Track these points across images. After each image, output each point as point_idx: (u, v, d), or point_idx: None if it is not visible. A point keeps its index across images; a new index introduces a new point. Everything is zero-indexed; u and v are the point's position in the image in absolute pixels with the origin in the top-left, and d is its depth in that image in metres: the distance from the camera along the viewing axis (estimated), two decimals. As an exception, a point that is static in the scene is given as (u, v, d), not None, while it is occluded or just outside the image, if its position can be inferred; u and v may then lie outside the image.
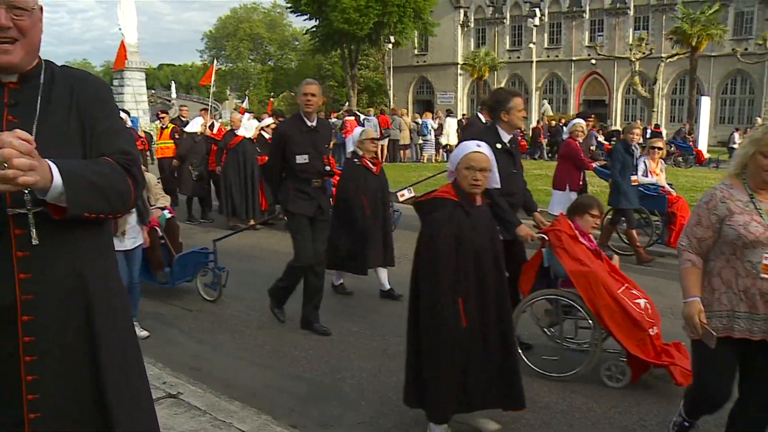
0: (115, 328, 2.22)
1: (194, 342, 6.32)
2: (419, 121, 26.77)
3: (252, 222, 11.79)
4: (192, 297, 7.60)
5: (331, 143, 12.67)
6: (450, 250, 3.94)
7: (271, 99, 47.90)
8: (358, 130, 7.98)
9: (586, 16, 53.06)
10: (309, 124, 6.25)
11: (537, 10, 51.66)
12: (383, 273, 7.69)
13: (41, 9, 2.14)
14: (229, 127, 12.61)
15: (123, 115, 12.85)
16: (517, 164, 5.76)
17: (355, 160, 7.60)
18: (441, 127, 26.81)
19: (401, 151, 25.57)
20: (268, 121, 13.54)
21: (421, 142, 25.97)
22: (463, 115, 38.17)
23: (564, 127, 30.54)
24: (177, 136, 13.52)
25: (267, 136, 12.52)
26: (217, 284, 7.47)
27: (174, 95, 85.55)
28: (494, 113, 5.59)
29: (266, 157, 11.89)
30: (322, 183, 6.49)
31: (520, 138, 11.47)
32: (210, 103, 18.58)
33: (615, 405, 4.90)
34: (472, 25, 57.66)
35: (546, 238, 5.35)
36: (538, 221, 5.78)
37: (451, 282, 3.94)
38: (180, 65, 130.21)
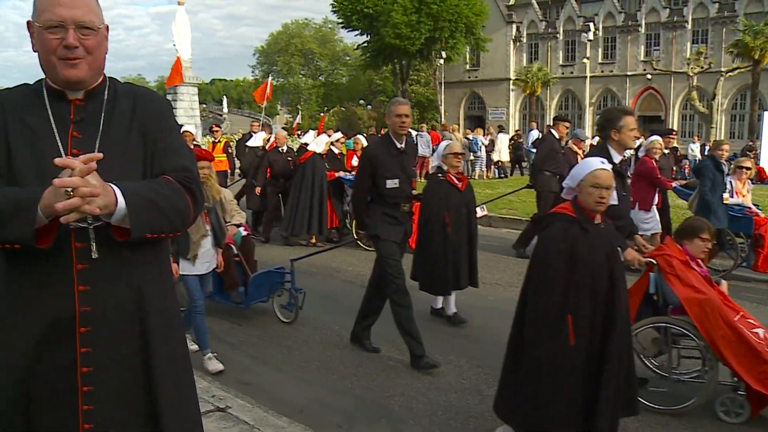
0: (169, 341, 2.27)
1: (243, 356, 6.36)
2: (470, 137, 26.70)
3: (314, 240, 11.72)
4: (241, 312, 7.65)
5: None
6: (562, 265, 3.90)
7: (324, 114, 48.25)
8: (442, 144, 7.72)
9: (642, 30, 52.37)
10: (399, 146, 6.05)
11: (591, 24, 51.23)
12: (452, 296, 7.39)
13: (107, 28, 2.21)
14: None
15: (190, 128, 13.08)
16: (626, 186, 5.57)
17: (440, 175, 7.33)
18: (492, 143, 26.66)
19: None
20: (338, 135, 13.48)
21: (472, 158, 25.85)
22: (516, 131, 37.92)
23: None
24: (230, 150, 13.73)
25: (336, 151, 12.48)
26: (293, 305, 7.25)
27: (225, 110, 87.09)
28: (604, 132, 5.41)
29: (335, 173, 11.90)
30: (410, 207, 6.30)
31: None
32: (261, 118, 18.74)
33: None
34: (524, 40, 57.42)
35: (654, 262, 5.12)
36: (640, 245, 5.47)
37: (561, 297, 3.89)
38: (232, 80, 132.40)
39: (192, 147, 12.65)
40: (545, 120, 51.68)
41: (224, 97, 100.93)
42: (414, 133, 23.94)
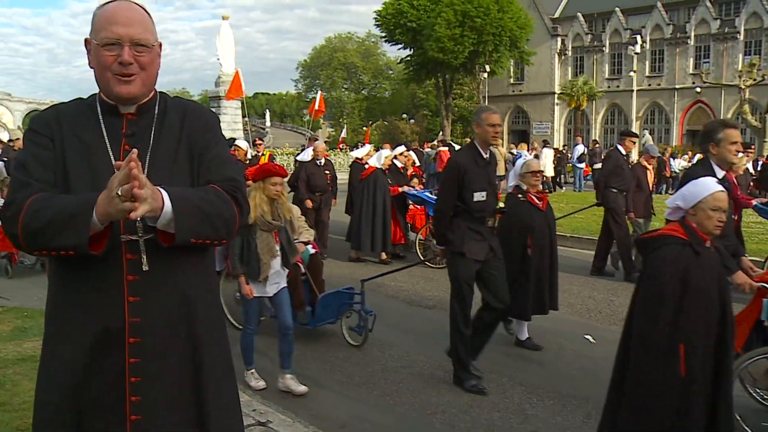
0: (215, 352, 2.32)
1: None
2: (515, 152, 26.56)
3: (384, 256, 11.65)
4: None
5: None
6: (674, 290, 3.69)
7: (367, 128, 48.50)
8: (519, 162, 7.40)
9: (691, 42, 51.65)
10: (485, 157, 5.80)
11: (638, 36, 50.66)
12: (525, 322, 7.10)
13: (160, 45, 2.30)
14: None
15: (243, 143, 13.18)
16: (731, 205, 5.40)
17: (519, 195, 6.99)
18: (537, 158, 26.46)
19: (497, 182, 25.40)
20: (401, 149, 13.39)
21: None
22: (564, 145, 37.61)
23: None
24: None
25: (399, 164, 12.40)
26: (362, 328, 6.98)
27: (268, 123, 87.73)
28: (703, 146, 5.17)
29: (398, 188, 11.81)
30: (494, 222, 6.04)
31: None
32: (307, 133, 18.95)
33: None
34: (569, 53, 57.08)
35: (767, 287, 4.82)
36: (747, 267, 5.11)
37: (671, 324, 3.69)
38: (275, 94, 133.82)
39: (246, 162, 12.72)
40: (590, 134, 51.28)
41: (267, 110, 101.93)
42: (458, 147, 23.93)
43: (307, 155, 13.27)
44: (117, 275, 2.12)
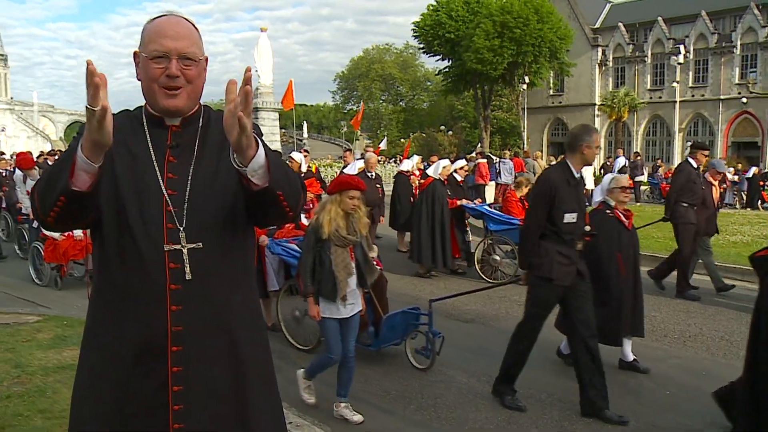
0: (257, 361, 2.35)
1: (320, 384, 6.39)
2: (554, 164, 26.37)
3: (451, 269, 11.56)
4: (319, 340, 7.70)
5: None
6: None
7: (410, 140, 48.52)
8: (607, 177, 7.05)
9: (737, 51, 50.84)
10: (576, 176, 5.51)
11: (681, 46, 50.02)
12: (629, 343, 6.75)
13: (206, 59, 2.35)
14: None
15: (297, 155, 13.26)
16: None
17: (608, 211, 6.63)
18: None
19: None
20: (461, 163, 13.16)
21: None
22: (608, 158, 37.22)
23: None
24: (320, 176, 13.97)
25: (459, 178, 12.28)
26: (430, 351, 6.66)
27: (306, 135, 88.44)
28: None
29: (456, 201, 11.64)
30: (584, 245, 5.71)
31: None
32: (345, 145, 19.03)
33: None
34: (610, 63, 56.63)
35: None
36: None
37: None
38: (312, 105, 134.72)
39: (301, 174, 12.69)
40: (632, 146, 50.74)
41: (304, 122, 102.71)
42: (496, 160, 23.86)
43: (355, 168, 13.21)
44: (160, 284, 2.16)
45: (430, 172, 11.97)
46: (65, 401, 5.11)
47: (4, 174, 16.31)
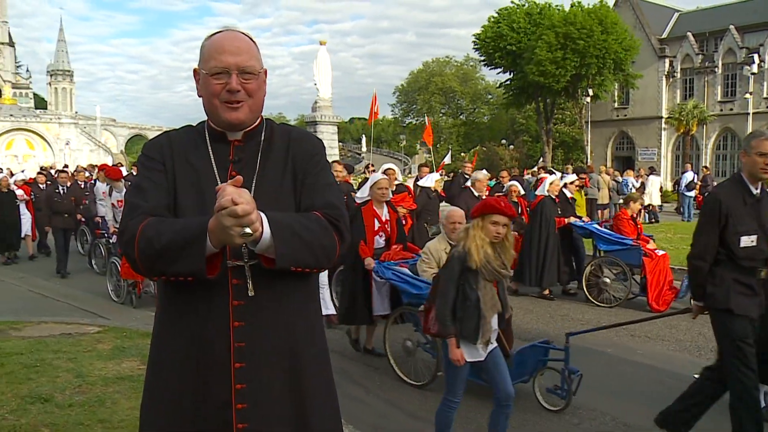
0: (320, 377, 2.38)
1: (379, 401, 6.43)
2: (620, 179, 25.98)
3: (546, 292, 11.36)
4: (376, 356, 7.73)
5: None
6: None
7: (476, 153, 48.32)
8: None
9: (815, 61, 49.33)
10: (754, 192, 4.87)
11: (755, 56, 48.65)
12: None
13: (265, 72, 2.40)
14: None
15: (391, 165, 12.73)
16: None
17: None
18: (643, 185, 25.87)
19: (599, 211, 24.88)
20: (571, 177, 12.91)
21: (621, 201, 25.09)
22: (683, 172, 36.50)
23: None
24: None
25: (568, 194, 11.94)
26: (565, 391, 6.03)
27: (364, 149, 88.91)
28: None
29: (564, 220, 11.30)
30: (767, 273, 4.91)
31: None
32: (405, 159, 18.96)
33: None
34: (678, 75, 55.49)
35: None
36: None
37: None
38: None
39: (411, 188, 12.26)
40: (700, 161, 49.59)
41: (363, 135, 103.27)
42: (558, 174, 23.58)
43: (431, 180, 13.00)
44: (223, 300, 2.20)
45: (539, 191, 11.61)
46: (124, 412, 5.24)
47: (83, 186, 16.49)
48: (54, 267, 14.14)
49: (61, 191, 14.66)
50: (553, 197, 11.34)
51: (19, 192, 16.28)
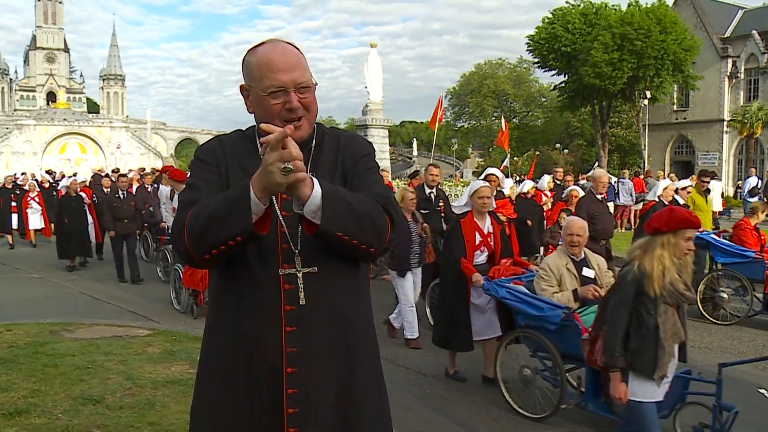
0: (372, 383, 2.40)
1: (427, 409, 6.44)
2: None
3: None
4: (427, 362, 7.74)
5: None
6: None
7: (535, 157, 47.88)
8: None
9: None
10: None
11: (824, 56, 47.48)
12: None
13: (316, 84, 2.42)
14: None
15: (495, 171, 11.59)
16: None
17: None
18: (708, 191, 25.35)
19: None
20: (685, 183, 12.35)
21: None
22: (747, 176, 35.70)
23: None
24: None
25: (680, 200, 11.22)
26: (717, 431, 5.15)
27: (415, 152, 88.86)
28: None
29: None
30: None
31: None
32: (457, 163, 18.90)
33: None
34: (742, 75, 54.26)
35: None
36: None
37: None
38: (422, 122, 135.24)
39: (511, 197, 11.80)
40: (765, 166, 48.44)
41: (414, 139, 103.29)
42: (614, 179, 23.30)
43: (526, 187, 12.42)
44: (275, 306, 2.22)
45: (649, 196, 11.13)
46: (173, 415, 5.35)
47: (149, 190, 16.30)
48: (106, 271, 14.41)
49: (121, 196, 14.25)
50: (666, 203, 10.45)
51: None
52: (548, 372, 6.27)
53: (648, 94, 46.39)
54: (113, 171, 30.48)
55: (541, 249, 12.09)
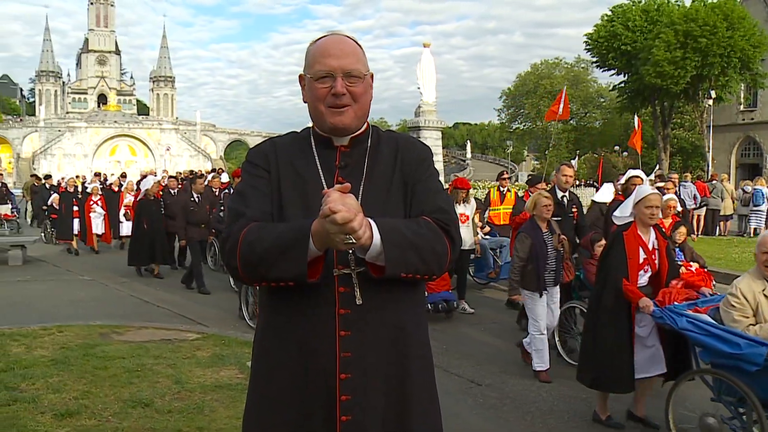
0: (424, 395, 2.38)
1: (479, 418, 6.40)
2: (748, 188, 24.94)
3: None
4: (480, 370, 7.72)
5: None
6: None
7: (601, 158, 47.34)
8: None
9: None
10: None
11: None
12: None
13: (372, 76, 2.45)
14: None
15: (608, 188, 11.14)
16: None
17: None
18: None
19: (721, 223, 24.00)
20: None
21: (747, 212, 24.08)
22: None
23: None
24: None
25: None
26: None
27: (469, 155, 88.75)
28: None
29: None
30: None
31: None
32: (512, 166, 18.73)
33: None
34: (814, 74, 52.97)
35: None
36: None
37: None
38: (476, 124, 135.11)
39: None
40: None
41: (467, 141, 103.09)
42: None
43: (607, 194, 10.61)
44: (329, 309, 2.23)
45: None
46: (222, 420, 5.42)
47: (216, 193, 15.49)
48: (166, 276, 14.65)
49: (197, 199, 13.47)
50: None
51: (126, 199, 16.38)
52: (738, 421, 5.32)
53: (713, 93, 45.54)
54: (190, 172, 30.74)
55: None
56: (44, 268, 16.26)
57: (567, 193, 9.17)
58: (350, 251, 2.16)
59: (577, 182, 45.06)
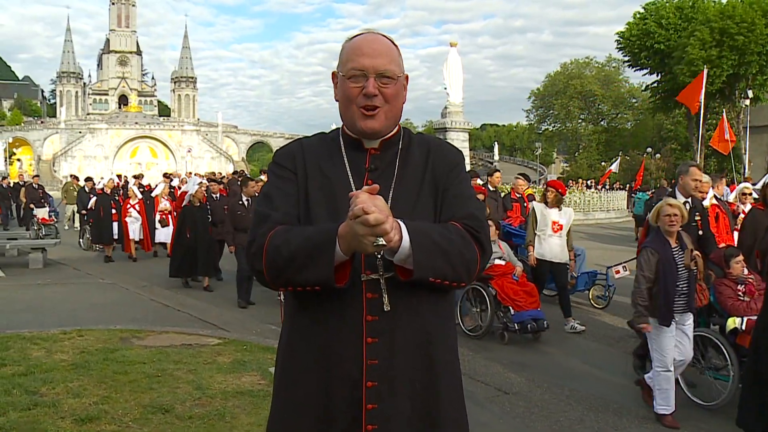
0: (452, 405, 2.37)
1: (507, 427, 6.38)
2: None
3: None
4: (507, 378, 7.69)
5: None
6: None
7: (643, 158, 46.91)
8: None
9: None
10: None
11: None
12: None
13: (407, 78, 2.45)
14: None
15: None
16: None
17: None
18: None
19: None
20: None
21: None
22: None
23: None
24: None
25: None
26: None
27: (496, 157, 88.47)
28: None
29: None
30: None
31: None
32: (540, 168, 18.67)
33: None
34: None
35: None
36: None
37: None
38: (504, 125, 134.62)
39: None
40: None
41: (495, 143, 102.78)
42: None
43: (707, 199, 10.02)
44: (356, 315, 2.22)
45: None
46: (243, 427, 5.45)
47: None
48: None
49: (245, 203, 12.63)
50: None
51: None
52: None
53: (750, 93, 45.05)
54: (237, 174, 30.64)
55: None
56: (65, 271, 16.41)
57: (690, 200, 7.86)
58: (378, 255, 2.16)
59: (611, 186, 44.73)
